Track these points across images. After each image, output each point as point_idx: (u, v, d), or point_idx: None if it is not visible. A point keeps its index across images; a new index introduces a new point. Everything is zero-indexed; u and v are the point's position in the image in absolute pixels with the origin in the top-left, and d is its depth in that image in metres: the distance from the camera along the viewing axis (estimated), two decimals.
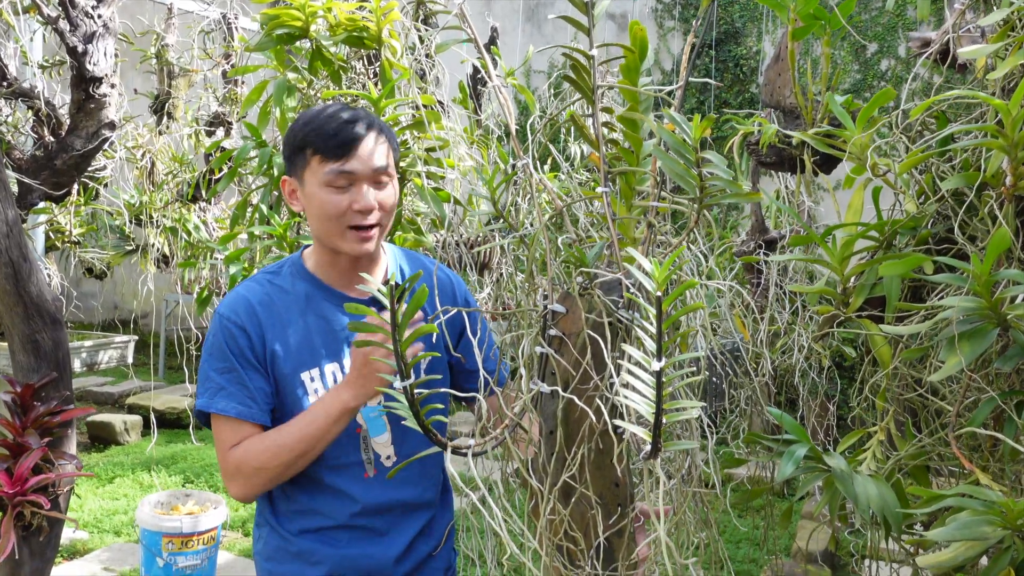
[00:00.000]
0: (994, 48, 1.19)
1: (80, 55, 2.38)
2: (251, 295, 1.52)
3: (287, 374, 1.49)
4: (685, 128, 1.13)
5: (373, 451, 1.53)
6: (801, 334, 2.26)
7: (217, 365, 1.48)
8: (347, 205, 1.46)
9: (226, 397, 1.47)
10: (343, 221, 1.47)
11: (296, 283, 1.54)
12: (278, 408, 1.51)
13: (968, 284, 1.21)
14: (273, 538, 1.57)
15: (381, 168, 1.48)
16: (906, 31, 5.88)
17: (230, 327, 1.49)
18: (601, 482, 1.22)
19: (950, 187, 1.34)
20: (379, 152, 1.48)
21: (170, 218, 4.01)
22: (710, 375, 1.82)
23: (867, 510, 1.37)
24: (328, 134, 1.46)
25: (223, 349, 1.48)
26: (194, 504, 3.29)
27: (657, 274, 0.87)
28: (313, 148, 1.47)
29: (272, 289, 1.54)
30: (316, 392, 1.50)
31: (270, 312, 1.51)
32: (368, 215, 1.47)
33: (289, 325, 1.51)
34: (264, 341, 1.49)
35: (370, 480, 1.53)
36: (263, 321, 1.50)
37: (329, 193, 1.46)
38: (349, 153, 1.46)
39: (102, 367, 7.74)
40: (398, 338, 1.01)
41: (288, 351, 1.50)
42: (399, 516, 1.56)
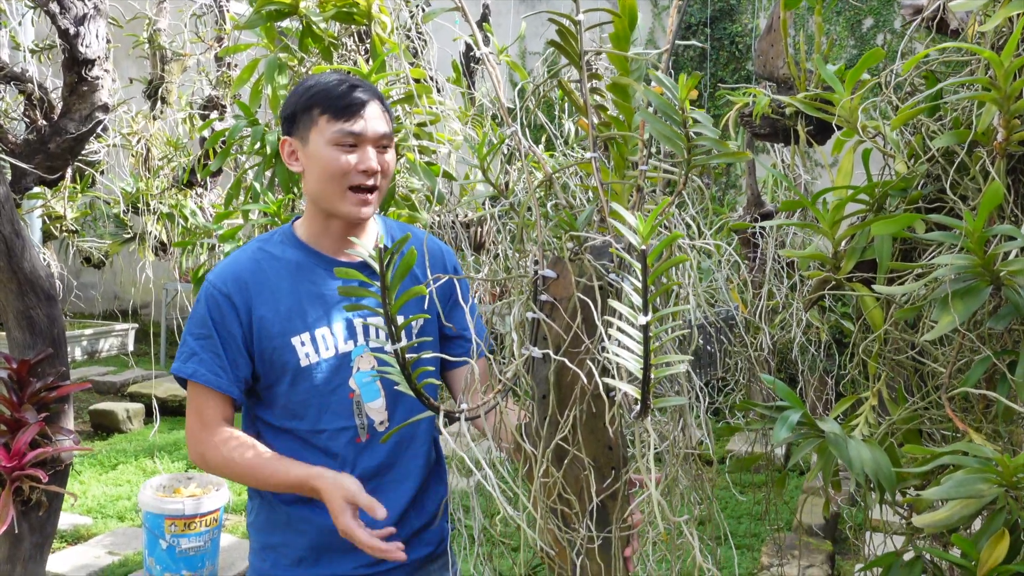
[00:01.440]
0: (982, 1, 1.18)
1: (72, 37, 2.37)
2: (241, 263, 1.55)
3: (275, 338, 1.51)
4: (671, 89, 1.13)
5: (367, 416, 1.55)
6: (800, 308, 2.26)
7: (196, 331, 1.52)
8: (352, 165, 1.49)
9: (198, 363, 1.50)
10: (345, 181, 1.50)
11: (287, 251, 1.57)
12: (266, 372, 1.53)
13: (961, 241, 1.20)
14: (264, 509, 1.59)
15: (386, 134, 1.53)
16: (901, 6, 5.86)
17: (215, 295, 1.52)
18: (594, 445, 1.23)
19: (940, 145, 1.34)
20: (384, 119, 1.54)
21: (167, 204, 4.00)
22: (704, 344, 1.83)
23: (861, 473, 1.38)
24: (337, 95, 1.50)
25: (204, 316, 1.51)
26: (196, 487, 3.30)
27: (641, 228, 0.87)
28: (321, 108, 1.50)
29: (263, 256, 1.56)
30: (307, 356, 1.52)
31: (259, 279, 1.53)
32: (371, 176, 1.50)
33: (279, 291, 1.53)
34: (251, 308, 1.52)
35: (363, 444, 1.55)
36: (251, 288, 1.52)
37: (336, 151, 1.49)
38: (357, 114, 1.50)
39: (103, 355, 7.75)
40: (388, 301, 1.01)
41: (278, 316, 1.52)
42: (390, 484, 1.57)
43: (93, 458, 4.94)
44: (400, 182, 2.11)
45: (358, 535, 1.36)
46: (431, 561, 1.64)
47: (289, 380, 1.52)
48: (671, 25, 1.32)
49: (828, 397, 3.34)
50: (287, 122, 1.57)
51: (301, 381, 1.52)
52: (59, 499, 1.71)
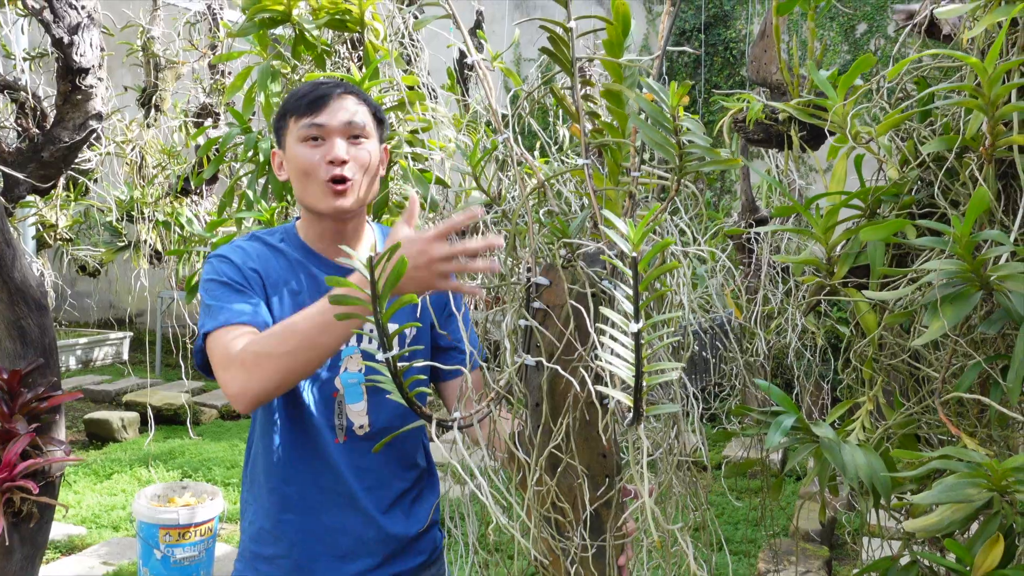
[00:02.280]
0: (972, 7, 1.18)
1: (66, 46, 2.37)
2: (246, 245, 1.54)
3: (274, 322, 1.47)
4: (663, 97, 1.13)
5: (347, 418, 1.53)
6: (795, 313, 2.26)
7: (216, 293, 1.45)
8: (319, 158, 1.48)
9: (226, 311, 1.41)
10: (317, 176, 1.48)
11: (288, 248, 1.56)
12: None
13: (949, 247, 1.20)
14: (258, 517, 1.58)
15: (355, 123, 1.50)
16: (894, 11, 5.88)
17: (224, 263, 1.48)
18: (588, 453, 1.23)
19: (930, 151, 1.34)
20: (354, 110, 1.51)
21: (162, 212, 4.00)
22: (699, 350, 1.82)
23: (855, 478, 1.37)
24: (301, 95, 1.51)
25: (220, 280, 1.46)
26: (190, 496, 3.29)
27: (632, 235, 0.87)
28: (290, 111, 1.52)
29: (265, 248, 1.55)
30: None
31: (266, 265, 1.52)
32: (340, 166, 1.47)
33: (283, 281, 1.52)
34: (262, 281, 1.49)
35: (341, 446, 1.53)
36: (258, 269, 1.50)
37: (303, 147, 1.49)
38: (321, 108, 1.49)
39: (97, 364, 7.73)
40: (379, 309, 1.01)
41: (282, 305, 1.50)
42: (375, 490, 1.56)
43: (87, 467, 4.93)
44: (394, 189, 2.11)
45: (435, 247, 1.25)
46: (424, 569, 1.63)
47: None
48: (662, 31, 1.32)
49: (824, 402, 3.34)
50: (274, 135, 1.58)
51: None
52: (50, 510, 1.71)
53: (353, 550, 1.53)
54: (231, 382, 1.35)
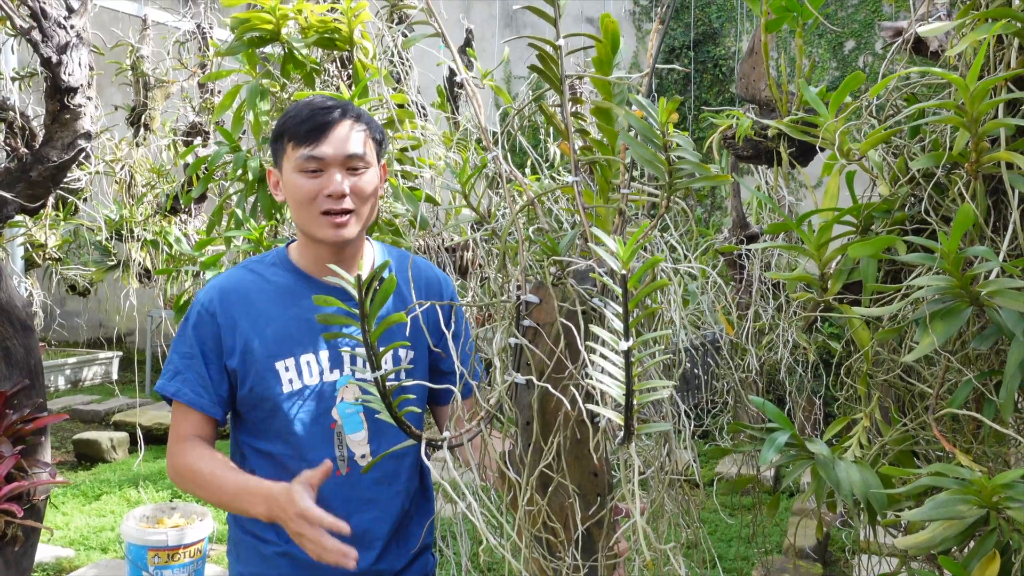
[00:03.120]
0: (954, 24, 1.19)
1: (55, 66, 2.36)
2: (229, 283, 1.54)
3: (261, 363, 1.50)
4: (652, 113, 1.13)
5: (347, 448, 1.52)
6: (786, 329, 2.26)
7: (182, 349, 1.52)
8: (318, 190, 1.47)
9: (181, 382, 1.50)
10: (315, 207, 1.47)
11: (278, 273, 1.56)
12: (248, 395, 1.51)
13: (938, 263, 1.20)
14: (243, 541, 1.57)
15: (355, 154, 1.48)
16: (882, 28, 5.92)
17: (203, 313, 1.51)
18: (579, 472, 1.21)
19: (919, 167, 1.34)
20: (353, 139, 1.49)
21: (151, 231, 3.98)
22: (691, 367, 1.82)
23: (850, 495, 1.37)
24: (301, 120, 1.48)
25: (190, 335, 1.51)
26: (180, 517, 3.26)
27: (622, 252, 0.86)
28: (288, 135, 1.49)
29: (252, 278, 1.55)
30: (290, 382, 1.50)
31: (247, 300, 1.52)
32: (339, 200, 1.47)
33: (266, 315, 1.51)
34: (235, 328, 1.51)
35: (341, 478, 1.51)
36: (238, 309, 1.51)
37: (301, 178, 1.48)
38: (320, 138, 1.46)
39: (86, 384, 7.67)
40: (368, 328, 1.00)
41: (264, 341, 1.50)
42: (372, 520, 1.53)
43: (76, 488, 4.88)
44: (383, 207, 2.10)
45: (307, 532, 1.32)
46: None
47: (271, 405, 1.50)
48: (651, 49, 1.32)
49: (816, 417, 3.33)
50: (272, 154, 1.57)
51: (283, 407, 1.49)
52: (36, 534, 1.68)
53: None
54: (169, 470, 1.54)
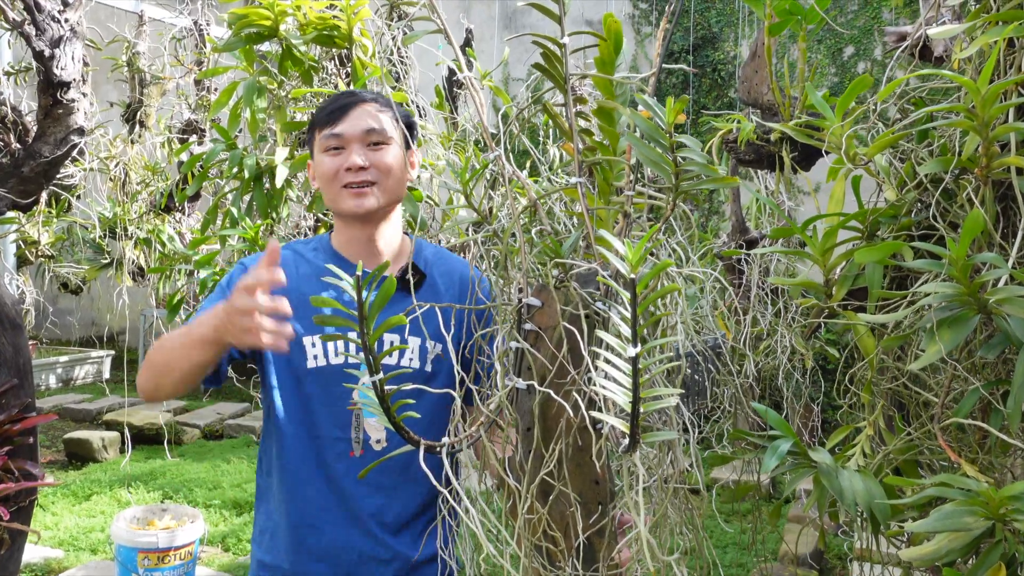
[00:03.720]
0: (964, 28, 1.17)
1: (47, 60, 2.33)
2: None
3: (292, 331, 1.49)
4: (659, 113, 1.11)
5: (364, 431, 1.54)
6: (784, 335, 2.24)
7: (212, 296, 1.56)
8: (339, 166, 1.53)
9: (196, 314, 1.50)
10: (337, 181, 1.54)
11: (319, 256, 1.61)
12: (275, 365, 1.55)
13: (945, 270, 1.18)
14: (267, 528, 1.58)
15: (373, 129, 1.54)
16: (882, 34, 5.91)
17: (239, 271, 1.56)
18: (580, 480, 1.19)
19: (927, 172, 1.32)
20: (374, 117, 1.55)
21: (144, 230, 3.94)
22: (692, 373, 1.79)
23: (853, 505, 1.35)
24: (325, 106, 1.58)
25: (223, 285, 1.56)
26: (170, 519, 3.22)
27: (630, 256, 0.84)
28: (315, 123, 1.58)
29: (295, 257, 1.61)
30: (315, 358, 1.53)
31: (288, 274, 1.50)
32: (358, 173, 1.52)
33: (302, 291, 1.54)
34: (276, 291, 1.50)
35: (356, 459, 1.53)
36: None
37: (325, 157, 1.55)
38: (341, 118, 1.54)
39: (78, 383, 7.62)
40: (366, 331, 0.97)
41: (296, 314, 1.47)
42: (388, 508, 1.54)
43: (66, 488, 4.83)
44: None
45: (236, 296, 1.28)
46: None
47: (295, 379, 1.53)
48: (658, 48, 1.30)
49: (814, 424, 3.31)
50: (308, 146, 1.65)
51: (306, 382, 1.53)
52: (23, 536, 1.65)
53: (356, 568, 1.52)
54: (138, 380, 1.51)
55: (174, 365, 1.43)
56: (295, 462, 1.54)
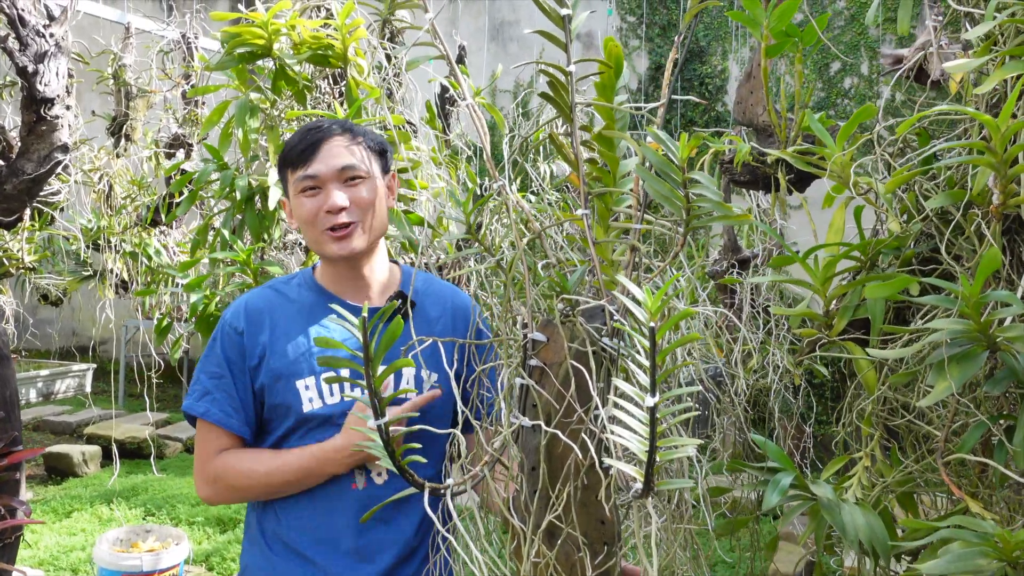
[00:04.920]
0: (980, 63, 1.16)
1: (31, 75, 2.28)
2: (253, 301, 1.55)
3: (282, 381, 1.50)
4: (671, 147, 1.09)
5: (365, 465, 1.51)
6: (775, 354, 2.22)
7: (210, 369, 1.52)
8: (318, 208, 1.48)
9: (211, 402, 1.49)
10: (318, 225, 1.49)
11: (303, 293, 1.57)
12: (270, 413, 1.52)
13: (957, 306, 1.17)
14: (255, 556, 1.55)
15: (347, 166, 1.49)
16: (868, 49, 5.95)
17: (230, 332, 1.52)
18: (586, 519, 1.16)
19: (935, 206, 1.30)
20: (346, 152, 1.50)
21: (129, 243, 3.89)
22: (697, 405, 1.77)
23: (855, 540, 1.33)
24: (294, 144, 1.51)
25: (218, 354, 1.51)
26: (155, 540, 3.16)
27: (650, 303, 0.81)
28: (286, 163, 1.52)
29: (276, 297, 1.56)
30: (310, 400, 1.50)
31: (272, 319, 1.53)
32: (337, 214, 1.48)
33: (289, 334, 1.51)
34: (259, 346, 1.51)
35: (357, 492, 1.51)
36: (263, 327, 1.52)
37: (303, 199, 1.50)
38: (312, 157, 1.49)
39: (59, 397, 7.51)
40: (371, 373, 0.94)
41: (285, 359, 1.50)
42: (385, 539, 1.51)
43: (46, 505, 4.75)
44: None
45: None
46: None
47: (291, 424, 1.50)
48: (667, 79, 1.28)
49: (806, 445, 3.30)
50: (281, 183, 1.60)
51: (303, 426, 1.50)
52: (6, 575, 1.60)
53: None
54: (203, 492, 1.53)
55: (287, 491, 1.50)
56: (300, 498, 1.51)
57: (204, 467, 1.51)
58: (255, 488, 1.49)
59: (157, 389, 5.95)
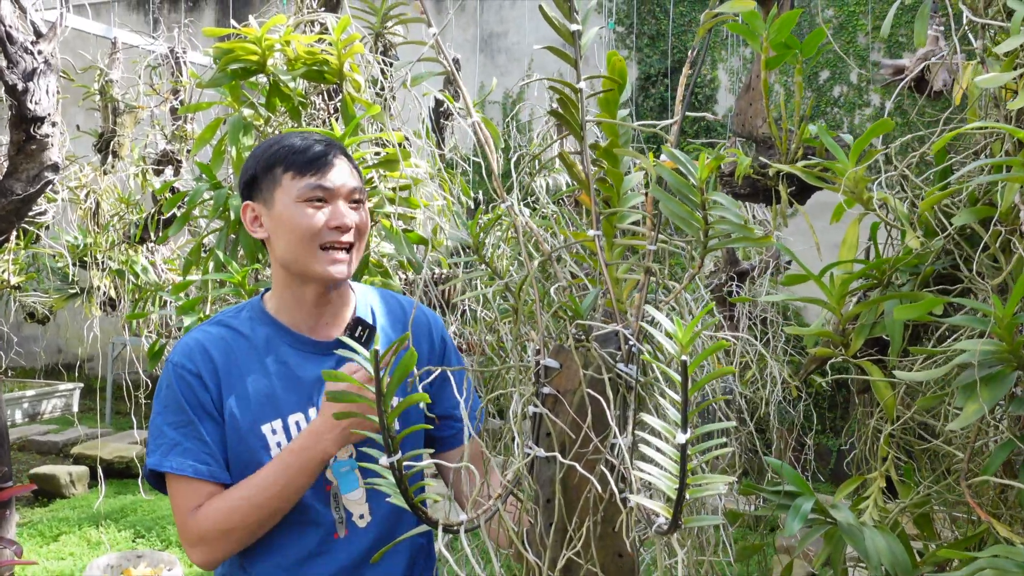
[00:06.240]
0: (1009, 76, 1.12)
1: (20, 94, 2.23)
2: (206, 340, 1.41)
3: (244, 427, 1.37)
4: (689, 168, 1.05)
5: (345, 510, 1.41)
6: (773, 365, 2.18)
7: (171, 419, 1.36)
8: (323, 222, 1.38)
9: (181, 454, 1.35)
10: (316, 240, 1.38)
11: (256, 328, 1.43)
12: (235, 461, 1.38)
13: (989, 326, 1.14)
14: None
15: (356, 188, 1.43)
16: (857, 58, 5.95)
17: (184, 375, 1.37)
18: (603, 553, 1.12)
19: (960, 223, 1.27)
20: (352, 174, 1.44)
21: (116, 260, 3.82)
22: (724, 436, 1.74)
23: (879, 567, 1.30)
24: (300, 150, 1.40)
25: (178, 400, 1.36)
26: (146, 566, 3.09)
27: (681, 335, 0.77)
28: (284, 165, 1.40)
29: (229, 334, 1.42)
30: (278, 445, 1.38)
31: (227, 358, 1.40)
32: (344, 233, 1.39)
33: (248, 374, 1.39)
34: (220, 389, 1.38)
35: (341, 541, 1.41)
36: (219, 367, 1.38)
37: (304, 208, 1.38)
38: (325, 168, 1.39)
39: (46, 417, 7.41)
40: (384, 409, 0.90)
41: (246, 403, 1.38)
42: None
43: (33, 528, 4.66)
44: (372, 247, 2.00)
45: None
46: None
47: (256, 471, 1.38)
48: (680, 95, 1.24)
49: (808, 457, 3.27)
50: (247, 186, 1.45)
51: None
52: None
53: None
54: (196, 555, 1.36)
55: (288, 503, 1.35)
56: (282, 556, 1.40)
57: (188, 528, 1.35)
58: (246, 520, 1.33)
59: (146, 408, 5.87)
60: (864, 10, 5.85)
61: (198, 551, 1.35)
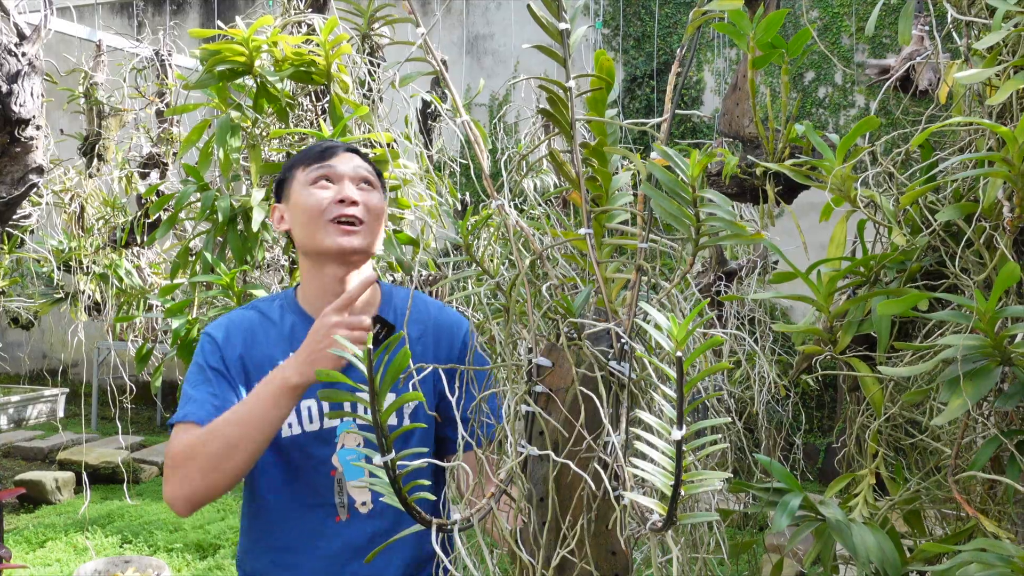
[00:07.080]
0: (991, 72, 1.13)
1: (5, 96, 2.22)
2: (237, 318, 1.51)
3: None
4: (680, 165, 1.05)
5: (348, 495, 1.47)
6: (762, 364, 2.20)
7: (193, 380, 1.45)
8: (330, 198, 1.45)
9: (189, 404, 1.41)
10: (325, 215, 1.45)
11: (285, 316, 1.52)
12: None
13: (971, 321, 1.15)
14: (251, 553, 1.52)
15: (364, 173, 1.50)
16: (842, 59, 5.99)
17: (210, 342, 1.47)
18: (596, 550, 1.12)
19: (944, 219, 1.28)
20: (361, 164, 1.52)
21: (101, 264, 3.80)
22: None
23: (867, 563, 1.31)
24: (311, 148, 1.53)
25: (200, 364, 1.46)
26: (134, 572, 3.07)
27: (676, 332, 0.78)
28: (298, 165, 1.52)
29: (259, 319, 1.51)
30: (289, 426, 1.45)
31: (252, 339, 1.48)
32: (349, 206, 1.45)
33: (270, 357, 1.46)
34: (243, 364, 1.46)
35: (341, 524, 1.46)
36: (240, 348, 1.47)
37: (312, 190, 1.47)
38: (331, 156, 1.49)
39: (31, 422, 7.35)
40: (377, 408, 0.90)
41: None
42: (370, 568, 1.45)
43: (19, 534, 4.62)
44: None
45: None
46: None
47: (270, 451, 1.44)
48: (669, 94, 1.25)
49: (796, 456, 3.28)
50: (276, 193, 1.57)
51: (282, 453, 1.45)
52: None
53: None
54: (167, 489, 1.36)
55: (250, 436, 1.32)
56: (282, 534, 1.47)
57: (165, 465, 1.39)
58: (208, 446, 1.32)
59: (131, 413, 5.84)
60: (848, 11, 5.88)
61: (168, 484, 1.36)
